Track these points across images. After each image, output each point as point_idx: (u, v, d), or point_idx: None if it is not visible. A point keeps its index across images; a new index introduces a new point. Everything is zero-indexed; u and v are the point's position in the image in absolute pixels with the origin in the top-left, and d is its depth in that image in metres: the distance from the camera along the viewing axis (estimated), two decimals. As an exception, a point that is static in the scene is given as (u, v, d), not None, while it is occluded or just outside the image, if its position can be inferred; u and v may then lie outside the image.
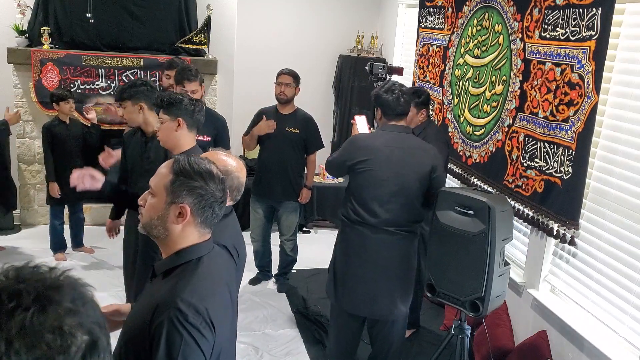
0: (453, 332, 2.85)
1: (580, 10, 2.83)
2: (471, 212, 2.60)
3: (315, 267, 4.82)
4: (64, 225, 4.73)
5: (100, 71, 5.10)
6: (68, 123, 4.51)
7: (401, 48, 5.86)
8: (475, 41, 3.92)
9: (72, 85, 5.06)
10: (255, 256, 4.52)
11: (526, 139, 3.27)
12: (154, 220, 1.50)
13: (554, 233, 3.05)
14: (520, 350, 3.19)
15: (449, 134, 4.19)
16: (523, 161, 3.29)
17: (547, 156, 3.07)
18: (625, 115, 2.75)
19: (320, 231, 5.78)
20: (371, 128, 3.40)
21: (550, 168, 3.05)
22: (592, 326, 2.87)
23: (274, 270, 4.66)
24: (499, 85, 3.59)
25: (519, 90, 3.36)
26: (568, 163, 2.91)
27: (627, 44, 2.76)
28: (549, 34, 3.09)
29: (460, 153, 4.07)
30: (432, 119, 4.31)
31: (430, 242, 2.83)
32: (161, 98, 2.69)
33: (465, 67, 4.06)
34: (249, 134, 4.30)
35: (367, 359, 3.27)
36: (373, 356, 3.20)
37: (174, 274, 1.49)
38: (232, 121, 4.93)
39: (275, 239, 4.61)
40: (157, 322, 1.37)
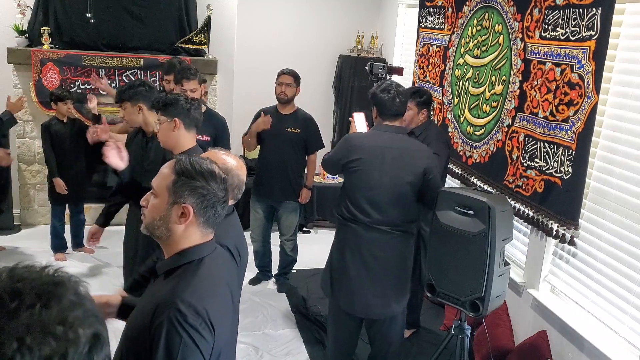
0: (453, 332, 2.85)
1: (580, 10, 2.83)
2: (471, 212, 2.60)
3: (315, 267, 4.82)
4: (64, 226, 4.73)
5: (100, 71, 5.11)
6: (66, 122, 4.53)
7: (401, 48, 5.85)
8: (475, 41, 3.92)
9: (73, 85, 5.06)
10: (256, 256, 4.52)
11: (526, 139, 3.27)
12: (156, 221, 1.51)
13: (554, 233, 3.05)
14: (520, 350, 3.19)
15: (449, 134, 4.19)
16: (523, 161, 3.29)
17: (547, 156, 3.07)
18: (625, 115, 2.74)
19: (320, 231, 5.78)
20: (369, 126, 3.39)
21: (550, 168, 3.05)
22: (592, 326, 2.87)
23: (274, 270, 4.67)
24: (499, 85, 3.59)
25: (518, 90, 3.36)
26: (568, 163, 2.90)
27: (627, 44, 2.76)
28: (549, 34, 3.09)
29: (461, 153, 4.07)
30: (432, 119, 4.31)
31: (430, 242, 2.83)
32: (157, 99, 2.73)
33: (465, 67, 4.06)
34: (248, 133, 4.31)
35: (367, 358, 3.27)
36: (372, 356, 3.20)
37: (175, 274, 1.50)
38: (232, 121, 4.93)
39: (275, 239, 4.62)
40: (157, 323, 1.38)
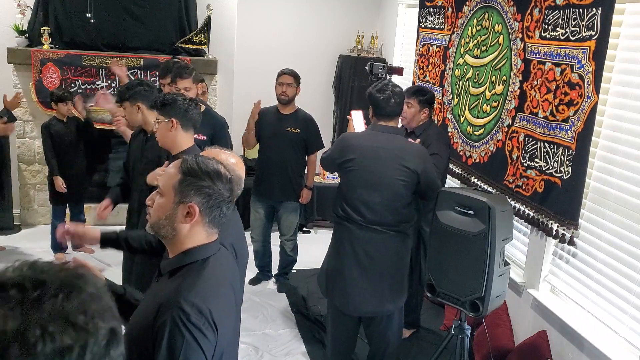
0: (453, 332, 2.86)
1: (580, 10, 2.83)
2: (471, 212, 2.60)
3: (315, 267, 4.80)
4: (64, 226, 4.72)
5: (100, 71, 5.11)
6: (66, 122, 4.55)
7: (401, 48, 5.85)
8: (475, 41, 3.92)
9: (73, 85, 5.06)
10: (256, 256, 4.52)
11: (526, 139, 3.27)
12: (162, 220, 1.51)
13: (554, 233, 3.05)
14: (520, 350, 3.19)
15: (449, 134, 4.19)
16: (523, 161, 3.29)
17: (547, 156, 3.08)
18: (625, 115, 2.75)
19: (320, 231, 5.78)
20: (367, 124, 3.39)
21: (550, 168, 3.05)
22: (592, 326, 2.87)
23: (274, 270, 4.67)
24: (499, 85, 3.59)
25: (518, 90, 3.36)
26: (568, 163, 2.91)
27: (627, 44, 2.76)
28: (549, 34, 3.09)
29: (460, 153, 4.07)
30: (433, 120, 4.31)
31: (430, 242, 2.83)
32: (155, 99, 2.74)
33: (465, 67, 4.06)
34: (246, 128, 4.30)
35: (367, 358, 3.28)
36: (371, 355, 3.21)
37: (179, 273, 1.50)
38: (232, 121, 4.93)
39: (275, 239, 4.62)
40: (160, 322, 1.38)
